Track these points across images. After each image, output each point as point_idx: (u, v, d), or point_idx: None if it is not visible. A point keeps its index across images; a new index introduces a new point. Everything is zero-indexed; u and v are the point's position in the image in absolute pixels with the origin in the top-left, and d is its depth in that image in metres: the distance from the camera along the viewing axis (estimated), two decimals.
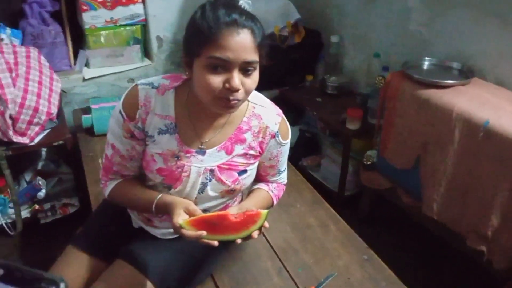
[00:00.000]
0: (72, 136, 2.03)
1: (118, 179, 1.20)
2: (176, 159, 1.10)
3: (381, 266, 1.37)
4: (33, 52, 2.06)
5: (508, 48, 1.71)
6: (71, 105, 2.35)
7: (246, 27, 0.95)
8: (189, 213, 1.02)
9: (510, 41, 1.69)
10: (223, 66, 0.95)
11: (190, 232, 0.98)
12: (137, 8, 2.36)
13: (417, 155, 1.78)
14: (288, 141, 1.23)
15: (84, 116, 2.11)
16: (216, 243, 1.01)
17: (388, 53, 2.25)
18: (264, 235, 1.50)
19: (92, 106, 2.11)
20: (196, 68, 0.99)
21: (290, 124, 2.77)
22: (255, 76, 1.00)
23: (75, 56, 2.44)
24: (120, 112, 1.09)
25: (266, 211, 1.04)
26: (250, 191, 1.28)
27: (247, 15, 0.97)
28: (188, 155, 1.11)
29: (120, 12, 2.33)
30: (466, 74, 1.80)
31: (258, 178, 1.29)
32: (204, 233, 0.97)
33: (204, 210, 1.16)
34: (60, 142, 1.98)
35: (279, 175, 1.30)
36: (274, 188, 1.30)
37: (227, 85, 0.95)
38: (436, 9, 1.96)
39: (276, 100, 2.58)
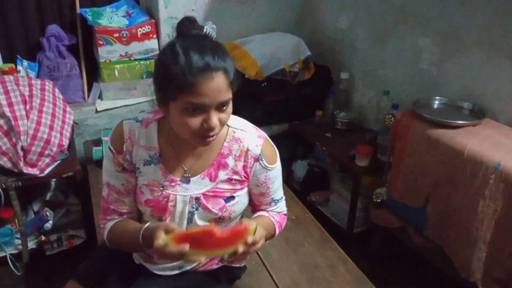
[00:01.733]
0: (82, 167, 2.05)
1: (116, 218, 1.19)
2: (161, 188, 1.12)
3: None
4: (48, 85, 2.11)
5: None
6: (83, 137, 2.38)
7: (219, 69, 0.96)
8: (169, 231, 0.98)
9: None
10: (200, 109, 0.97)
11: (173, 248, 0.95)
12: (152, 44, 2.42)
13: (427, 194, 1.76)
14: (276, 165, 1.19)
15: (94, 148, 2.13)
16: (203, 259, 0.99)
17: (398, 91, 2.26)
18: (270, 275, 1.47)
19: (103, 138, 2.14)
20: (173, 109, 1.00)
21: (299, 159, 2.74)
22: (230, 108, 1.02)
23: (89, 88, 2.49)
24: (109, 148, 1.13)
25: (254, 225, 0.99)
26: (251, 219, 1.24)
27: (218, 54, 0.97)
28: (173, 184, 1.12)
29: (135, 47, 2.39)
30: (477, 114, 1.79)
31: (255, 209, 1.27)
32: (187, 246, 0.94)
33: None
34: (70, 173, 1.99)
35: (275, 204, 1.25)
36: (276, 215, 1.26)
37: (205, 125, 0.98)
38: (447, 48, 1.98)
39: (285, 135, 2.64)
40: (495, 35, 1.76)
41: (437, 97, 1.93)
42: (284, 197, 1.29)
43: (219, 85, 0.96)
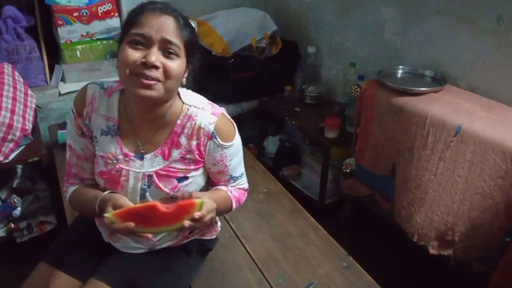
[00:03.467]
0: (48, 152, 2.00)
1: (78, 184, 1.20)
2: (115, 161, 1.11)
3: (361, 272, 1.38)
4: (7, 68, 2.04)
5: (480, 55, 1.75)
6: (47, 121, 2.32)
7: (169, 14, 1.02)
8: (117, 208, 1.01)
9: (481, 48, 1.74)
10: (143, 44, 0.99)
11: (117, 225, 0.96)
12: (114, 22, 2.35)
13: (393, 161, 1.80)
14: (233, 142, 1.16)
15: (60, 131, 2.08)
16: (150, 235, 1.01)
17: (364, 63, 2.29)
18: (244, 246, 1.50)
19: (68, 122, 2.08)
20: (120, 49, 1.02)
21: (270, 135, 2.75)
22: (179, 62, 1.03)
23: (51, 71, 2.41)
24: (72, 109, 1.14)
25: (200, 200, 1.00)
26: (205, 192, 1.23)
27: (174, 9, 1.04)
28: (127, 158, 1.12)
29: (96, 26, 2.32)
30: (439, 81, 1.84)
31: (214, 186, 1.26)
32: (131, 224, 0.95)
33: None
34: (36, 158, 1.94)
35: (234, 182, 1.24)
36: (234, 190, 1.25)
37: (144, 59, 0.98)
38: (410, 18, 2.01)
39: (256, 111, 2.64)
40: (455, 4, 1.79)
41: (401, 66, 1.96)
42: (244, 173, 1.28)
43: (166, 23, 1.00)
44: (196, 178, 1.16)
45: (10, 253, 2.05)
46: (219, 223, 1.41)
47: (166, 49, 1.00)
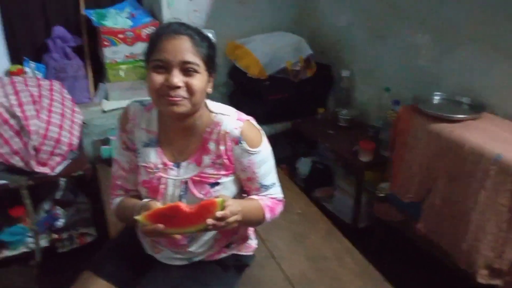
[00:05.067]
0: (91, 166, 2.09)
1: (123, 195, 1.29)
2: (156, 170, 1.19)
3: None
4: (56, 85, 2.16)
5: None
6: (90, 136, 2.42)
7: (183, 34, 1.09)
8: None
9: None
10: (164, 67, 1.08)
11: (149, 227, 1.04)
12: None
13: (427, 188, 1.80)
14: (260, 149, 1.19)
15: (103, 147, 2.18)
16: (179, 236, 1.07)
17: (398, 88, 2.31)
18: (279, 265, 1.52)
19: (111, 137, 2.18)
20: (147, 75, 1.12)
21: (302, 156, 2.76)
22: (200, 78, 1.10)
23: (95, 89, 2.53)
24: (118, 126, 1.25)
25: (220, 199, 1.03)
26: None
27: (188, 27, 1.11)
28: (166, 167, 1.20)
29: (140, 48, 2.42)
30: (476, 109, 1.84)
31: (248, 195, 1.28)
32: (161, 226, 1.02)
33: None
34: (80, 172, 2.03)
35: (266, 190, 1.25)
36: (267, 199, 1.25)
37: (166, 82, 1.07)
38: (445, 45, 2.03)
39: (288, 133, 2.68)
40: (490, 31, 1.81)
41: (437, 93, 1.97)
42: (277, 183, 1.28)
43: (182, 45, 1.07)
44: (227, 184, 1.21)
45: (52, 263, 2.13)
46: (255, 240, 1.45)
47: (186, 69, 1.08)
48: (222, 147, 1.17)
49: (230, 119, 1.18)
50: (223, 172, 1.19)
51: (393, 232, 2.18)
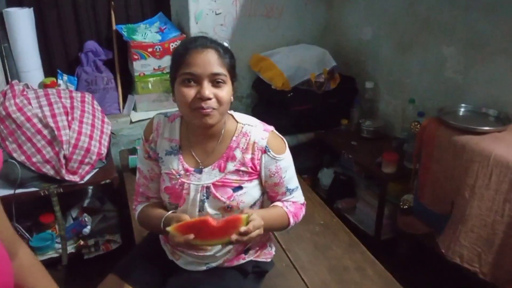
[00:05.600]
0: (118, 175, 2.15)
1: (145, 202, 1.35)
2: (178, 177, 1.23)
3: None
4: (88, 97, 2.24)
5: None
6: (118, 146, 2.50)
7: (209, 47, 1.14)
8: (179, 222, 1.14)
9: None
10: (194, 80, 1.12)
11: (178, 237, 1.09)
12: None
13: (452, 200, 1.78)
14: (285, 155, 1.26)
15: (130, 157, 2.24)
16: (209, 248, 1.17)
17: (423, 99, 2.29)
18: (300, 276, 1.53)
19: (138, 147, 2.24)
20: (176, 88, 1.16)
21: (325, 167, 2.77)
22: (227, 88, 1.15)
23: (124, 100, 2.62)
24: (142, 136, 1.31)
25: (246, 215, 1.11)
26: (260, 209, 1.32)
27: (211, 40, 1.16)
28: (188, 173, 1.23)
29: (167, 61, 2.49)
30: (503, 121, 1.81)
31: (272, 201, 1.35)
32: (191, 236, 1.08)
33: None
34: (108, 181, 2.10)
35: (290, 194, 1.32)
36: (290, 205, 1.32)
37: (198, 95, 1.10)
38: (472, 57, 2.01)
39: (311, 143, 2.69)
40: None
41: (463, 104, 1.95)
42: (299, 187, 1.36)
43: (209, 58, 1.12)
44: (250, 190, 1.25)
45: (78, 268, 2.20)
46: (274, 247, 1.47)
47: (215, 81, 1.13)
48: (248, 156, 1.22)
49: (257, 130, 1.24)
50: (246, 178, 1.23)
51: (416, 245, 2.15)
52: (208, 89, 1.11)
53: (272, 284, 1.47)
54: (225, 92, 1.14)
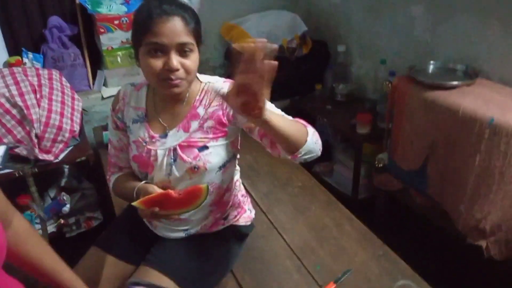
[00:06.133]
0: (94, 152, 2.13)
1: (119, 172, 1.35)
2: (144, 144, 1.24)
3: (396, 260, 1.42)
4: (55, 74, 2.18)
5: (511, 49, 1.76)
6: (91, 123, 2.46)
7: (176, 14, 1.08)
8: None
9: None
10: (161, 50, 1.09)
11: (146, 210, 1.13)
12: None
13: (425, 155, 1.83)
14: None
15: (104, 133, 2.21)
16: (176, 216, 1.20)
17: (394, 60, 2.32)
18: (281, 236, 1.57)
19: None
20: (141, 57, 1.13)
21: None
22: (194, 57, 1.13)
23: (94, 76, 2.56)
24: (110, 107, 1.32)
25: (205, 185, 1.14)
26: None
27: (177, 5, 1.11)
28: (153, 140, 1.23)
29: None
30: (471, 75, 1.85)
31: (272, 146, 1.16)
32: (156, 208, 1.11)
33: None
34: (83, 158, 2.06)
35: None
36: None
37: (166, 66, 1.09)
38: (439, 15, 2.03)
39: (287, 110, 2.67)
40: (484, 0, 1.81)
41: (432, 62, 1.99)
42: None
43: (176, 27, 1.08)
44: (216, 149, 1.22)
45: (60, 247, 2.16)
46: (253, 211, 1.51)
47: (183, 50, 1.10)
48: (212, 109, 1.20)
49: (218, 83, 1.24)
50: (210, 136, 1.21)
51: (392, 202, 2.22)
52: (175, 60, 1.08)
53: (253, 245, 1.50)
54: (193, 60, 1.12)
